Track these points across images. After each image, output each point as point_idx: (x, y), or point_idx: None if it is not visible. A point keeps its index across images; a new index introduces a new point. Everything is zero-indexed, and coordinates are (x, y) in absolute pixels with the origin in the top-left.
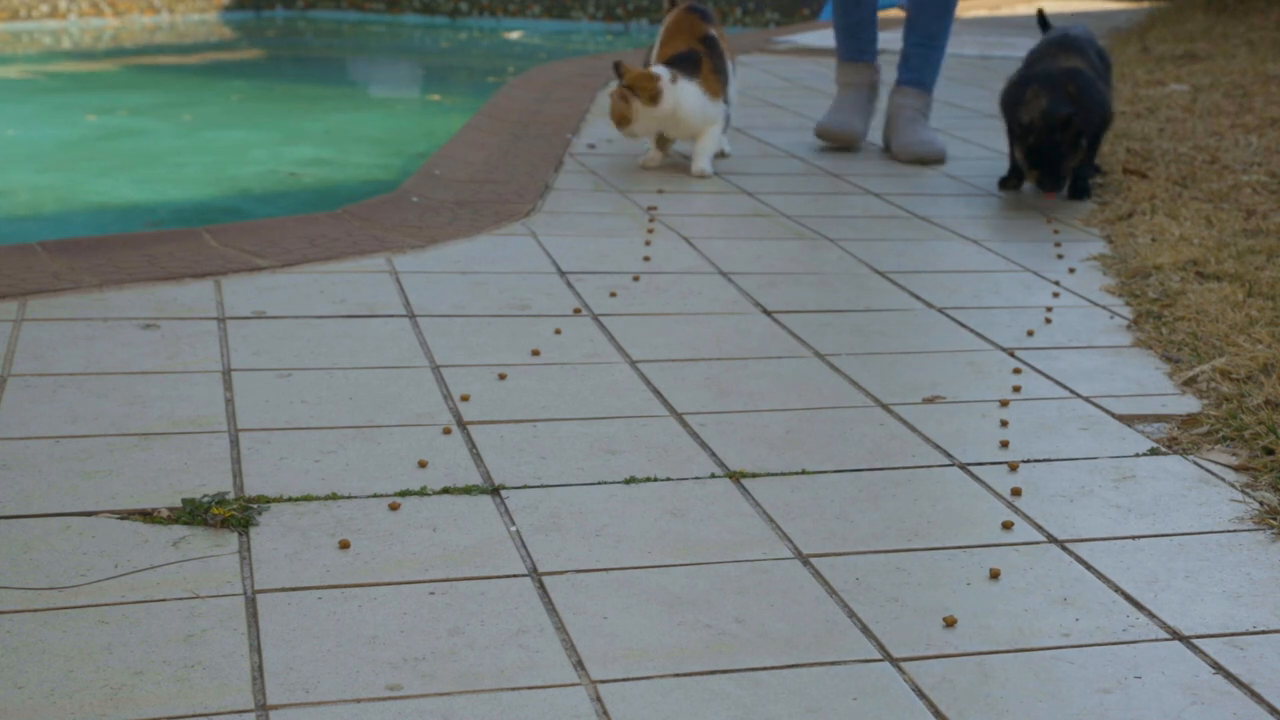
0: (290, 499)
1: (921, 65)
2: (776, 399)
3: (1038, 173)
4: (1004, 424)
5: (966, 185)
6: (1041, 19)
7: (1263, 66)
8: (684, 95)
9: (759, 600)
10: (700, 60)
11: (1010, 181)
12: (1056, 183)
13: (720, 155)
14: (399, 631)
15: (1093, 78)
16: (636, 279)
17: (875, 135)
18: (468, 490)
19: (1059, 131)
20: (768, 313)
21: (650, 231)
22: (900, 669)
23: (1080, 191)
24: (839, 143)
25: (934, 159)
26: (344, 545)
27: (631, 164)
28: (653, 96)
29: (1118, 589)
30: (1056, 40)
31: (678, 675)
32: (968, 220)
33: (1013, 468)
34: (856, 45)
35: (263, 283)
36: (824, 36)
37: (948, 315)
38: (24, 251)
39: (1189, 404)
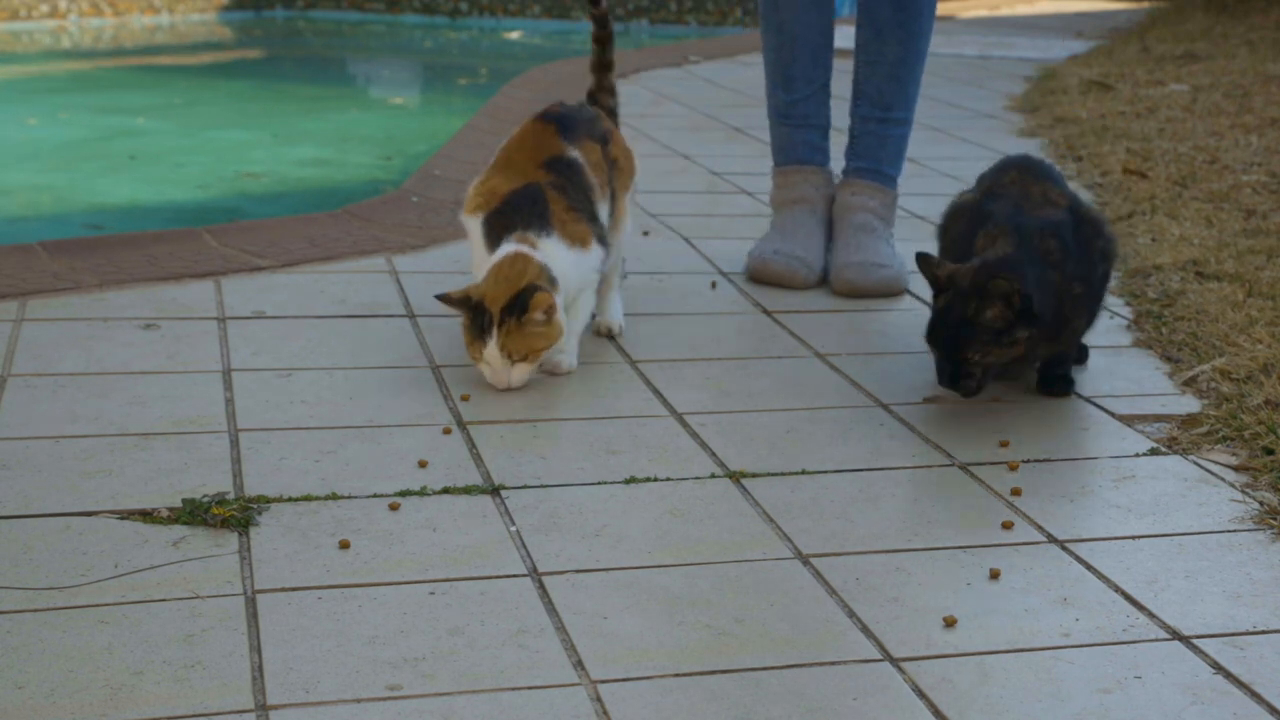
0: (290, 499)
1: (876, 148)
2: (776, 399)
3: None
4: (1004, 424)
5: (964, 186)
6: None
7: (1263, 66)
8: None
9: (759, 600)
10: (545, 199)
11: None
12: (960, 381)
13: (605, 333)
14: (399, 631)
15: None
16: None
17: None
18: (468, 490)
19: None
20: (768, 313)
21: (648, 232)
22: (900, 669)
23: (1062, 383)
24: (780, 284)
25: (885, 291)
26: (344, 545)
27: None
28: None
29: (1118, 589)
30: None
31: (678, 675)
32: None
33: (1013, 468)
34: (802, 138)
35: (263, 283)
36: None
37: None
38: (24, 251)
39: (1189, 404)
